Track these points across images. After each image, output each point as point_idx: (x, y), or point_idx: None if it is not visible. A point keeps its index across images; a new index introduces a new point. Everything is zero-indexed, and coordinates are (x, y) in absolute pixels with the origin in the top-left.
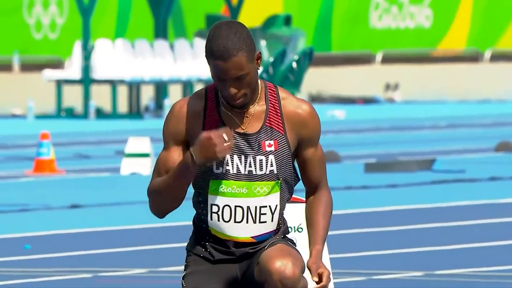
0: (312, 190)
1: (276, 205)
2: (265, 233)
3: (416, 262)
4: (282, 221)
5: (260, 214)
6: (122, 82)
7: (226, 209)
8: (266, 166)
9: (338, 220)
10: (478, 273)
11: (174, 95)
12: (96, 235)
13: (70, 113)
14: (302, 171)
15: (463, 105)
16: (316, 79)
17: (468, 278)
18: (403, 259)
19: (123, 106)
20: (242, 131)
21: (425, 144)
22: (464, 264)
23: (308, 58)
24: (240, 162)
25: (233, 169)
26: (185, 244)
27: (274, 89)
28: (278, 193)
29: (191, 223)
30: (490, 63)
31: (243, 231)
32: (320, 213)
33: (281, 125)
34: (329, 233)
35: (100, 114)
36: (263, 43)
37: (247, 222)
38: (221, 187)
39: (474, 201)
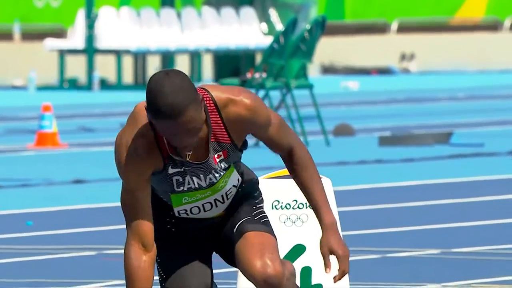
0: (286, 154)
1: (238, 179)
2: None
3: (432, 239)
4: (241, 173)
5: (227, 195)
6: (127, 52)
7: (195, 209)
8: (221, 170)
9: (351, 195)
10: (497, 250)
11: (181, 65)
12: (100, 211)
13: (73, 84)
14: (270, 147)
15: (482, 76)
16: (329, 49)
17: (486, 256)
18: (418, 236)
19: (128, 77)
20: (193, 159)
21: (442, 117)
22: (483, 241)
23: (321, 27)
24: (200, 180)
25: (194, 186)
26: None
27: (210, 98)
28: (234, 170)
29: None
30: (510, 32)
31: (215, 212)
32: (308, 176)
33: (226, 135)
34: (341, 209)
35: (105, 85)
36: (273, 12)
37: (216, 207)
38: (185, 198)
39: (493, 176)
